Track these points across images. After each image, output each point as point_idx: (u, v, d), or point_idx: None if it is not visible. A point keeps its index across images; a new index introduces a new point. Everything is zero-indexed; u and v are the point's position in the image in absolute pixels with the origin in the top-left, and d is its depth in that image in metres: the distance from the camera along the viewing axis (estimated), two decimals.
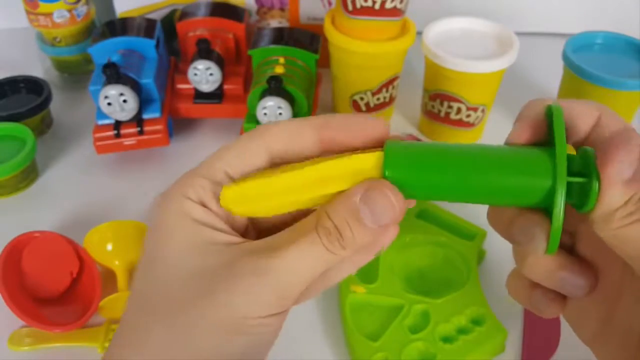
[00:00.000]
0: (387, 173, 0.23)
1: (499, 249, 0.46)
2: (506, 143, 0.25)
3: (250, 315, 0.23)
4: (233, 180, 0.25)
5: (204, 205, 0.24)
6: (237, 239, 0.24)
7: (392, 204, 0.23)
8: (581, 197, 0.23)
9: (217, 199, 0.24)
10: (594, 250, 0.26)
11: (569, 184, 0.22)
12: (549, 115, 0.24)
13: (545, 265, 0.26)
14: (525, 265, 0.26)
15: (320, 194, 0.23)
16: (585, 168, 0.23)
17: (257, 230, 0.27)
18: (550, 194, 0.22)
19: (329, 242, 0.23)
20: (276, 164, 0.25)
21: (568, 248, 0.27)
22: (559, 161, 0.22)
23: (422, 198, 0.24)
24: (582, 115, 0.24)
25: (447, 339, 0.41)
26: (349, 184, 0.23)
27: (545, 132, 0.24)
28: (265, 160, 0.25)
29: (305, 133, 0.25)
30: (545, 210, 0.24)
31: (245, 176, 0.25)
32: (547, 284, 0.26)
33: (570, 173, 0.22)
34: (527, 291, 0.27)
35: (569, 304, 0.27)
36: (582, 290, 0.26)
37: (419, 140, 0.61)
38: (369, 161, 0.23)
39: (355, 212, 0.23)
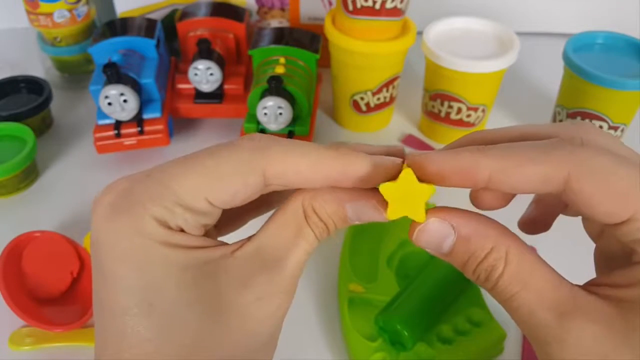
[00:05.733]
0: None
1: None
2: None
3: (263, 322, 0.23)
4: (211, 205, 0.23)
5: (168, 226, 0.23)
6: (219, 247, 0.23)
7: (380, 213, 0.24)
8: None
9: (189, 219, 0.23)
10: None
11: None
12: None
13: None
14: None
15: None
16: None
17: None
18: None
19: (320, 234, 0.24)
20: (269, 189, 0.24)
21: None
22: None
23: None
24: None
25: (445, 340, 0.41)
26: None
27: None
28: (259, 189, 0.24)
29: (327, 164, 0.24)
30: None
31: None
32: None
33: None
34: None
35: None
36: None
37: (417, 140, 0.62)
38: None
39: (344, 217, 0.25)
